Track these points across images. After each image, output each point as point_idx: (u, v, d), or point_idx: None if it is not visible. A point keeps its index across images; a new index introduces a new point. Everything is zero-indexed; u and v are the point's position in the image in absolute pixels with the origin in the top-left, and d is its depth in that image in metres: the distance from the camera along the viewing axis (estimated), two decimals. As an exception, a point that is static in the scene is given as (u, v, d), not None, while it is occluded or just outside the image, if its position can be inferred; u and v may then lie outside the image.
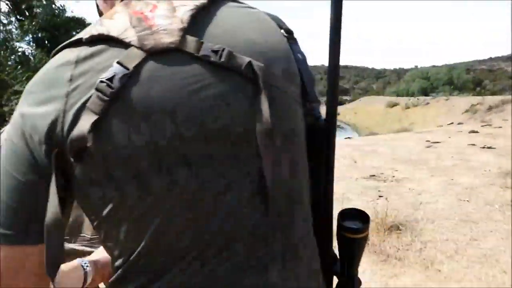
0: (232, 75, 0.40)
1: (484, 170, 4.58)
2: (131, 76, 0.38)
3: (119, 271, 0.42)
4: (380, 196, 3.87)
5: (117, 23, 0.41)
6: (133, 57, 0.38)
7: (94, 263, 0.65)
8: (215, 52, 0.40)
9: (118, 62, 0.38)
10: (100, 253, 0.69)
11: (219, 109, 0.40)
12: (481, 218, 3.12)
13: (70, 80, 0.38)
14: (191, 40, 0.40)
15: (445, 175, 4.48)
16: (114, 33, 0.40)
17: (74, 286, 0.61)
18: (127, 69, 0.38)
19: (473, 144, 6.44)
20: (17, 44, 7.39)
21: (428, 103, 30.14)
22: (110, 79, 0.37)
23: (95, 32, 0.40)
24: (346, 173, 5.20)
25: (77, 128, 0.37)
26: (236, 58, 0.40)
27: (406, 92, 43.86)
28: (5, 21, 7.77)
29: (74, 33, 8.08)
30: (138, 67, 0.38)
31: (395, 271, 2.43)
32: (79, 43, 0.41)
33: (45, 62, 0.46)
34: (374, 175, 4.85)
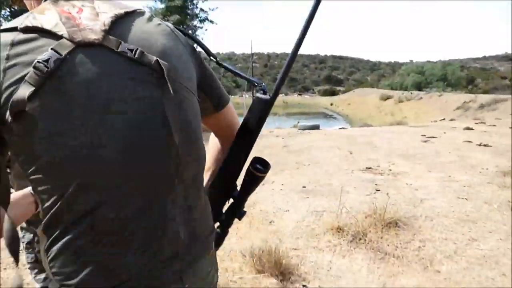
0: (143, 69, 0.53)
1: (481, 168, 4.50)
2: (63, 61, 0.48)
3: (49, 214, 0.52)
4: (377, 190, 3.75)
5: (48, 18, 0.51)
6: (65, 46, 0.49)
7: None
8: (131, 50, 0.52)
9: (52, 49, 0.48)
10: None
11: (131, 89, 0.52)
12: (480, 218, 3.03)
13: (6, 59, 0.48)
14: (112, 39, 0.52)
15: (443, 172, 4.39)
16: (47, 26, 0.50)
17: (27, 212, 0.67)
18: (60, 55, 0.48)
19: (470, 141, 6.38)
20: None
21: (421, 98, 30.24)
22: (46, 61, 0.47)
23: (29, 24, 0.50)
24: (342, 165, 5.08)
25: (17, 95, 0.47)
26: (147, 56, 0.53)
27: (400, 85, 43.91)
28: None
29: None
30: (69, 54, 0.49)
31: (393, 270, 2.33)
32: (14, 30, 0.50)
33: None
34: (370, 168, 4.73)
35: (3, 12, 6.94)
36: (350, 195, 3.67)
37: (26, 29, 0.50)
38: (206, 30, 15.34)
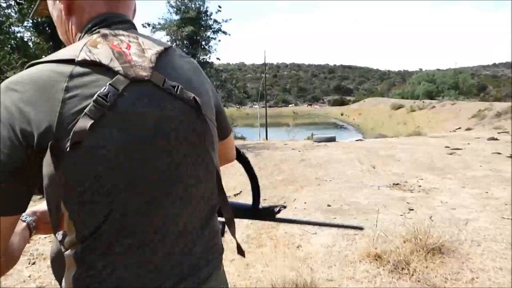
0: (183, 104, 0.60)
1: (520, 183, 4.17)
2: (119, 95, 0.53)
3: (86, 241, 0.53)
4: (410, 209, 3.47)
5: (103, 53, 0.55)
6: (121, 82, 0.54)
7: (33, 213, 0.69)
8: (173, 87, 0.59)
9: (110, 84, 0.53)
10: (37, 207, 0.72)
11: (176, 122, 0.58)
12: (532, 242, 2.72)
13: (65, 90, 0.50)
14: (158, 75, 0.58)
15: (478, 187, 4.07)
16: (104, 61, 0.54)
17: (22, 238, 0.63)
18: (118, 90, 0.53)
19: (498, 153, 6.03)
20: (16, 29, 6.99)
21: (434, 107, 29.68)
22: (106, 95, 0.51)
23: (87, 58, 0.53)
24: (366, 180, 4.80)
25: (77, 126, 0.49)
26: (186, 93, 0.60)
27: (411, 94, 43.34)
28: (4, 4, 7.36)
29: None
30: (125, 89, 0.54)
31: (446, 307, 2.05)
32: (71, 62, 0.53)
33: (44, 48, 3.10)
34: (398, 184, 4.45)
35: (25, 23, 6.99)
36: (382, 216, 3.39)
37: (83, 62, 0.53)
38: (219, 40, 15.28)
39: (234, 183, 5.47)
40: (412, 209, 3.47)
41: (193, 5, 14.22)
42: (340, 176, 5.12)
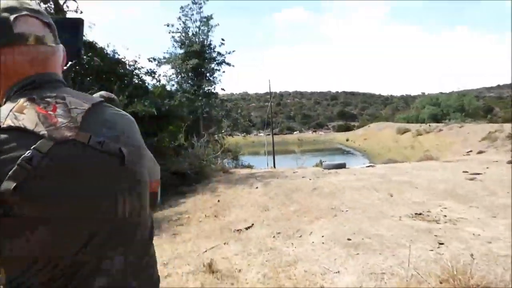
0: (108, 156, 0.65)
1: (555, 211, 3.86)
2: (43, 157, 0.57)
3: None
4: (440, 244, 3.17)
5: (29, 118, 0.60)
6: (45, 145, 0.58)
7: None
8: (99, 142, 0.64)
9: (34, 148, 0.57)
10: None
11: (101, 172, 0.63)
12: None
13: None
14: (83, 134, 0.62)
15: (510, 217, 3.77)
16: (29, 127, 0.59)
17: None
18: (41, 152, 0.58)
19: (522, 177, 5.72)
20: None
21: (441, 130, 29.39)
22: (30, 159, 0.56)
23: (12, 124, 0.58)
24: (385, 210, 4.52)
25: (2, 188, 0.54)
26: (112, 146, 0.65)
27: (416, 118, 43.23)
28: None
29: (85, 57, 7.78)
30: (50, 151, 0.58)
31: None
32: None
33: None
34: (420, 214, 4.16)
35: None
36: (408, 250, 3.10)
37: (8, 129, 0.58)
38: (223, 72, 15.56)
39: (245, 215, 5.20)
40: (442, 243, 3.17)
41: (197, 39, 14.64)
42: (357, 206, 4.84)
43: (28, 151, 0.56)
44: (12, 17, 0.63)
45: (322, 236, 3.77)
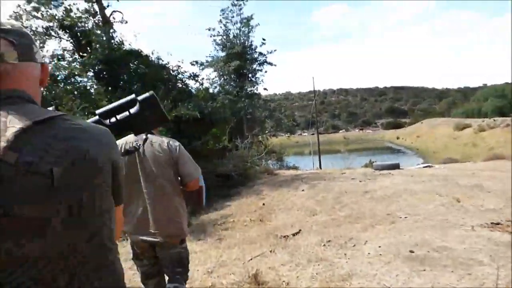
0: (37, 176, 0.64)
1: None
2: None
3: None
4: (530, 261, 2.63)
5: None
6: None
7: None
8: (27, 162, 0.63)
9: None
10: None
11: (25, 194, 0.63)
12: None
13: None
14: (11, 154, 0.63)
15: None
16: None
17: None
18: None
19: None
20: (79, 78, 7.57)
21: (508, 125, 26.39)
22: None
23: None
24: (453, 218, 3.96)
25: None
26: (42, 166, 0.64)
27: (478, 112, 39.41)
28: (70, 59, 8.07)
29: (131, 65, 8.09)
30: None
31: None
32: None
33: (101, 93, 4.53)
34: (498, 223, 3.56)
35: (88, 73, 7.67)
36: (489, 269, 2.61)
37: None
38: (265, 72, 15.40)
39: (291, 220, 4.94)
40: (533, 261, 2.63)
41: (238, 41, 14.65)
42: (417, 212, 4.33)
43: None
44: None
45: (379, 247, 3.38)
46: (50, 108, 0.76)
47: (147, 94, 1.02)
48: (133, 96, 1.06)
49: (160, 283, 2.16)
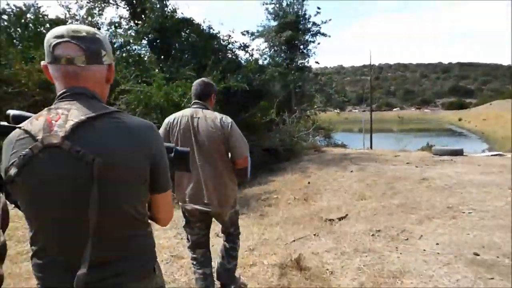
0: (83, 163, 0.81)
1: None
2: (33, 156, 0.81)
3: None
4: None
5: (38, 124, 0.83)
6: (37, 147, 0.81)
7: None
8: (77, 151, 0.80)
9: (30, 148, 0.81)
10: None
11: (72, 177, 0.82)
12: None
13: (13, 148, 0.83)
14: (67, 143, 0.81)
15: None
16: (33, 132, 0.82)
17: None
18: (33, 152, 0.81)
19: None
20: (134, 46, 7.73)
21: None
22: (25, 155, 0.80)
23: (26, 128, 0.84)
24: (530, 219, 3.44)
25: (10, 171, 0.81)
26: (87, 156, 0.80)
27: None
28: (126, 26, 8.23)
29: (183, 33, 8.04)
30: (39, 152, 0.81)
31: None
32: (19, 128, 0.85)
33: (153, 61, 5.46)
34: None
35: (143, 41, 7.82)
36: None
37: (24, 131, 0.83)
38: (318, 43, 14.55)
39: (337, 202, 4.72)
40: None
41: (291, 10, 13.89)
42: (484, 208, 3.85)
43: (26, 149, 0.80)
44: (54, 42, 0.86)
45: (437, 244, 3.05)
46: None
47: (185, 149, 1.13)
48: (173, 145, 1.24)
49: (206, 254, 2.29)
